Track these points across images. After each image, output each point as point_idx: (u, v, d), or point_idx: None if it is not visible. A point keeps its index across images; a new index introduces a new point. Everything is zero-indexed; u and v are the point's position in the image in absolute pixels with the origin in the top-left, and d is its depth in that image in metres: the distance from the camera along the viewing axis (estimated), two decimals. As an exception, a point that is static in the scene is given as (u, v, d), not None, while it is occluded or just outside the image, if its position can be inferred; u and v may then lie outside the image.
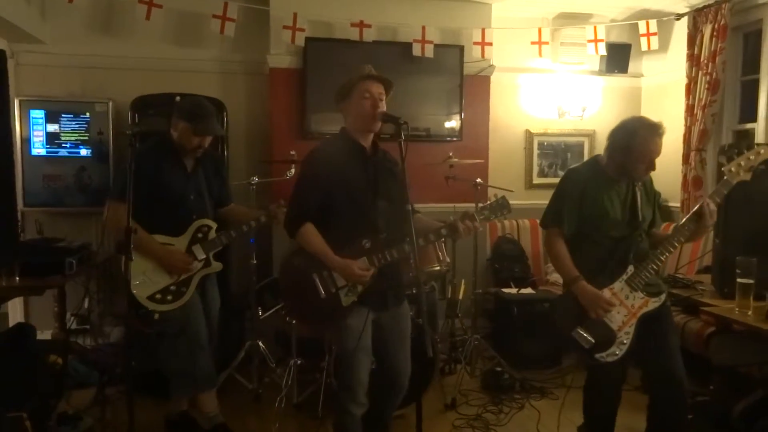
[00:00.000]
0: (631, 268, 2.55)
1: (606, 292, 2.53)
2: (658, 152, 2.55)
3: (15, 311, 4.50)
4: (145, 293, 2.88)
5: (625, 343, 2.52)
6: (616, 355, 2.52)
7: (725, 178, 2.55)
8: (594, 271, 2.57)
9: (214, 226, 3.07)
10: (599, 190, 2.62)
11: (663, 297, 2.62)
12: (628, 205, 2.61)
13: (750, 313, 2.59)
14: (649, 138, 2.52)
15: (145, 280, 2.87)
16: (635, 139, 2.53)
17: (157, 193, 2.91)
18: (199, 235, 3.03)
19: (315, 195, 2.45)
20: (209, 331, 3.14)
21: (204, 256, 3.00)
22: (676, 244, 2.56)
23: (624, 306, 2.55)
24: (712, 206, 2.51)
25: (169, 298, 2.92)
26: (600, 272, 2.57)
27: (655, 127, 2.55)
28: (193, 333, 2.97)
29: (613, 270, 2.57)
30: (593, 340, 2.50)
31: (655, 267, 2.55)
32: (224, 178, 3.31)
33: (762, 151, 2.54)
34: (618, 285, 2.55)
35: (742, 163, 2.53)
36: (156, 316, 2.89)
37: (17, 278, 3.30)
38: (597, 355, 2.52)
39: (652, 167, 2.57)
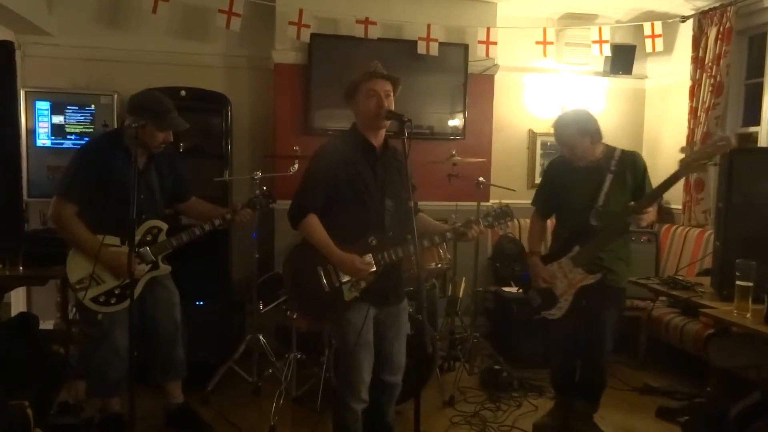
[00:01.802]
0: (576, 248, 2.96)
1: (554, 266, 3.03)
2: (571, 141, 2.95)
3: (18, 301, 4.52)
4: (89, 295, 2.83)
5: (562, 307, 3.01)
6: (555, 315, 3.04)
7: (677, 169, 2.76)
8: (556, 245, 3.12)
9: (165, 227, 2.97)
10: (564, 178, 3.06)
11: (599, 276, 2.94)
12: (594, 190, 2.89)
13: (748, 315, 2.59)
14: (562, 131, 2.98)
15: (89, 282, 2.80)
16: (555, 131, 3.03)
17: (104, 192, 2.79)
18: (148, 237, 2.94)
19: (321, 189, 2.46)
20: (171, 324, 3.10)
21: (152, 260, 2.92)
22: (614, 234, 2.90)
23: (566, 278, 3.00)
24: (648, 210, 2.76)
25: (113, 300, 2.86)
26: (560, 247, 3.06)
27: (561, 119, 3.02)
28: (112, 341, 2.89)
29: (566, 246, 3.01)
30: (540, 300, 3.11)
31: (597, 249, 2.91)
32: (179, 171, 3.15)
33: (723, 143, 2.62)
34: (565, 260, 3.00)
35: (698, 156, 2.66)
36: (99, 317, 2.84)
37: (21, 268, 3.33)
38: (543, 312, 3.10)
39: (576, 153, 2.97)
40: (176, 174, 3.14)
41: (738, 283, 2.64)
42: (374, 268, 2.45)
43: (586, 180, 2.95)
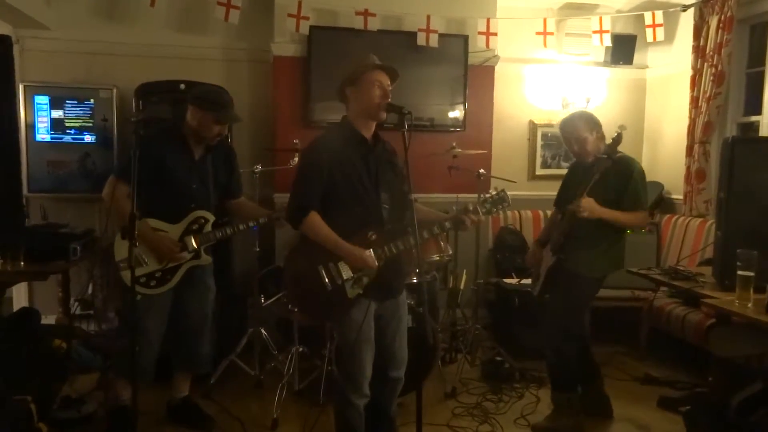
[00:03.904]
0: (560, 237, 3.18)
1: (545, 250, 3.30)
2: (581, 135, 3.12)
3: (19, 296, 4.54)
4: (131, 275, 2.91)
5: (537, 286, 3.35)
6: (533, 291, 3.41)
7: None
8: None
9: (212, 219, 3.05)
10: (573, 176, 3.32)
11: (554, 258, 3.21)
12: (583, 186, 3.02)
13: (750, 305, 2.58)
14: (569, 126, 3.18)
15: (134, 262, 2.86)
16: (564, 129, 3.23)
17: (159, 178, 2.91)
18: (195, 226, 3.02)
19: (318, 184, 2.44)
20: (201, 319, 3.16)
21: (195, 248, 2.99)
22: (568, 221, 3.11)
23: (545, 261, 3.29)
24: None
25: (153, 283, 2.93)
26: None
27: (567, 118, 3.23)
28: (143, 327, 2.93)
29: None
30: (535, 278, 3.42)
31: (560, 236, 3.15)
32: (234, 169, 3.26)
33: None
34: (547, 247, 3.29)
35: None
36: (138, 297, 2.87)
37: (22, 263, 3.32)
38: (530, 288, 3.52)
39: (586, 147, 3.14)
40: (232, 170, 3.24)
41: (739, 272, 2.63)
42: (376, 266, 2.44)
43: (583, 176, 3.07)
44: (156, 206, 2.93)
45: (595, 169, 2.97)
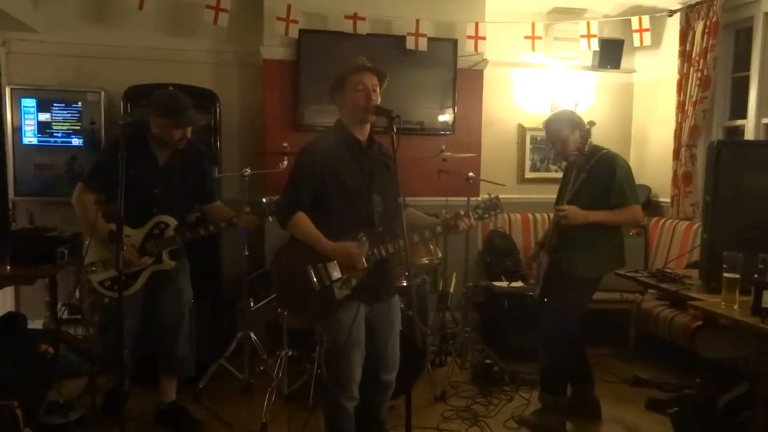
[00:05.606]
0: (552, 239, 3.21)
1: (542, 253, 3.33)
2: (563, 134, 3.16)
3: (6, 300, 4.49)
4: (97, 278, 3.00)
5: (537, 289, 3.40)
6: (534, 294, 3.51)
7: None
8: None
9: (173, 223, 3.05)
10: (565, 175, 3.35)
11: (549, 260, 3.26)
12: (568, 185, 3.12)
13: (736, 307, 2.61)
14: (552, 126, 3.22)
15: (99, 266, 2.99)
16: (547, 129, 3.28)
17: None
18: (156, 231, 3.03)
19: (309, 186, 2.45)
20: (176, 319, 3.16)
21: (155, 253, 3.02)
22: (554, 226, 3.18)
23: (540, 264, 3.35)
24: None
25: (116, 287, 2.91)
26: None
27: (550, 118, 3.28)
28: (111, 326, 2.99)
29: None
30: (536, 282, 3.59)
31: (552, 238, 3.18)
32: (207, 174, 3.23)
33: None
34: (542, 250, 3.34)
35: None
36: (106, 300, 3.02)
37: (8, 267, 3.29)
38: (530, 293, 3.69)
39: (568, 146, 3.16)
40: (201, 175, 3.21)
41: (725, 275, 2.66)
42: (365, 265, 2.44)
43: (571, 175, 3.11)
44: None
45: (573, 168, 3.01)
